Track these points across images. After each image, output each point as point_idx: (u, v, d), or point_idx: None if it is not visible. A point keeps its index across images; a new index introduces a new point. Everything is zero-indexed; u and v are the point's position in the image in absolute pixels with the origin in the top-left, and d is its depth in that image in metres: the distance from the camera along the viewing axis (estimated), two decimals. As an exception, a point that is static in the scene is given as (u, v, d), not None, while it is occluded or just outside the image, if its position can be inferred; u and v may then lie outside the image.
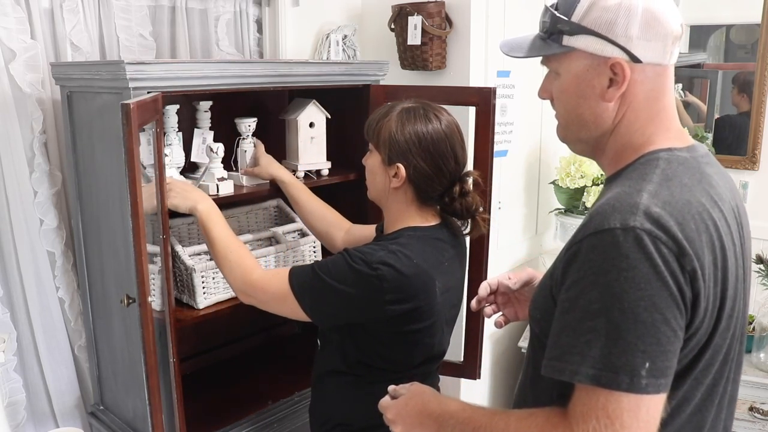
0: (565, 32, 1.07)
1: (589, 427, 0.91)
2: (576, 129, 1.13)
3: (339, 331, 1.59)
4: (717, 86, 2.78)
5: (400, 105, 1.55)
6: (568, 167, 2.70)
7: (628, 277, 0.89)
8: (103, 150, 1.76)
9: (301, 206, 1.98)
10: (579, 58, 1.07)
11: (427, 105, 1.57)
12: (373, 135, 1.55)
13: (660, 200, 0.96)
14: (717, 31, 2.76)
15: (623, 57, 1.04)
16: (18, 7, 1.89)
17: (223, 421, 2.01)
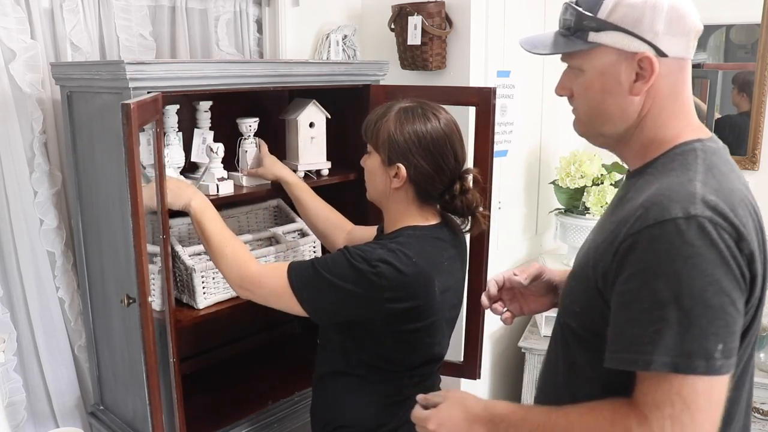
0: (591, 29, 1.10)
1: (665, 414, 0.94)
2: (599, 124, 1.16)
3: (339, 330, 1.59)
4: (717, 86, 2.78)
5: (397, 105, 1.55)
6: (568, 167, 2.70)
7: (695, 264, 0.92)
8: (103, 150, 1.76)
9: (305, 207, 1.97)
10: (605, 53, 1.10)
11: (425, 104, 1.56)
12: (371, 136, 1.55)
13: (711, 188, 0.99)
14: (717, 31, 2.76)
15: (650, 51, 1.07)
16: (18, 7, 1.89)
17: (223, 421, 2.01)
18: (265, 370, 2.35)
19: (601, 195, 2.56)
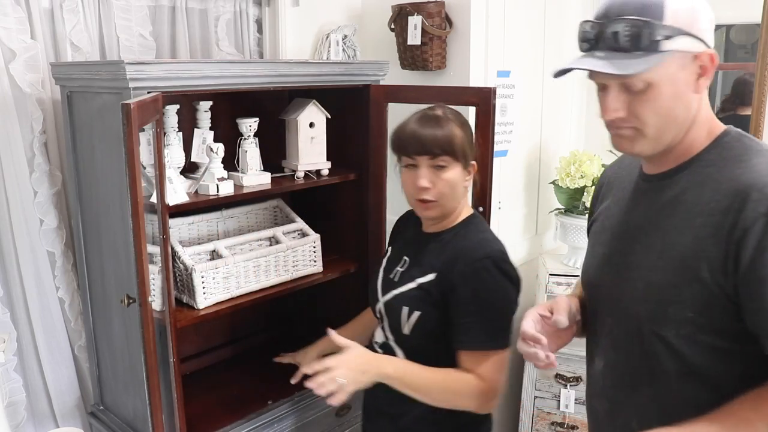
0: (664, 38, 1.05)
1: None
2: (669, 132, 1.12)
3: (438, 339, 1.57)
4: (717, 86, 2.77)
5: (435, 111, 1.57)
6: (568, 167, 2.70)
7: None
8: (103, 150, 1.76)
9: (355, 336, 1.79)
10: (675, 60, 1.07)
11: (443, 104, 1.65)
12: (448, 149, 1.52)
13: None
14: (717, 31, 2.76)
15: (705, 49, 1.09)
16: (18, 7, 1.89)
17: (223, 421, 2.01)
18: (265, 370, 2.35)
19: (601, 195, 2.56)
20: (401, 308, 1.57)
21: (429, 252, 1.60)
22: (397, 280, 1.63)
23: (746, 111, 2.57)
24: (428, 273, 1.57)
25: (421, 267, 1.59)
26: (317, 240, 2.21)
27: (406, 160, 1.55)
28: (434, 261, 1.57)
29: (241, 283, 2.00)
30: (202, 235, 2.19)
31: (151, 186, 1.67)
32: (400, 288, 1.61)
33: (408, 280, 1.60)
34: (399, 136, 1.56)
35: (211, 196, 1.91)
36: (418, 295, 1.56)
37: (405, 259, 1.66)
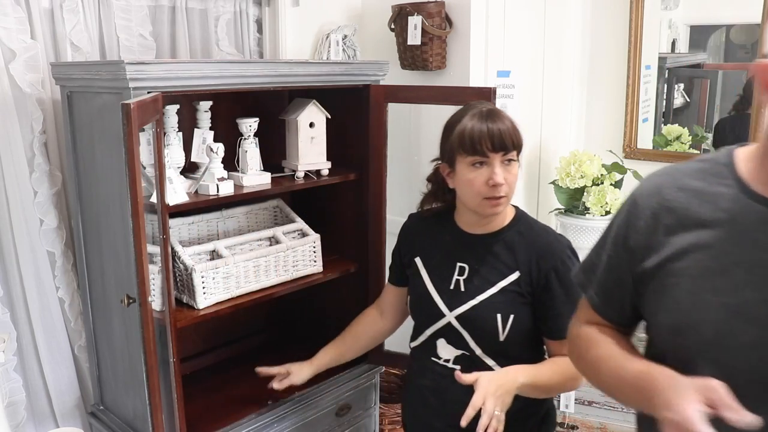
0: None
1: None
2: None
3: (529, 337, 1.57)
4: (717, 86, 2.78)
5: (487, 106, 1.55)
6: (568, 167, 2.70)
7: None
8: (103, 150, 1.76)
9: (348, 350, 1.99)
10: None
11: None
12: (517, 143, 1.51)
13: None
14: (717, 31, 2.76)
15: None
16: (18, 7, 1.89)
17: (223, 421, 2.01)
18: (265, 370, 2.35)
19: (601, 195, 2.56)
20: (493, 316, 1.51)
21: (497, 253, 1.55)
22: (465, 289, 1.55)
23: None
24: (508, 274, 1.53)
25: (495, 269, 1.54)
26: (317, 240, 2.21)
27: (475, 159, 1.48)
28: (509, 260, 1.53)
29: (241, 283, 2.00)
30: (202, 235, 2.19)
31: (151, 186, 1.67)
32: (479, 296, 1.53)
33: (485, 285, 1.53)
34: (469, 135, 1.47)
35: (211, 196, 1.91)
36: (507, 298, 1.52)
37: (462, 266, 1.57)
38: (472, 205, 1.53)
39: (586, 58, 2.88)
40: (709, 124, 2.82)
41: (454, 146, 1.50)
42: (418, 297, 1.62)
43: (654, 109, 2.85)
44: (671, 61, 2.89)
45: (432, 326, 1.58)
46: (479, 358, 1.55)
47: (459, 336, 1.55)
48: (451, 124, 1.53)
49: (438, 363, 1.59)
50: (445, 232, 1.63)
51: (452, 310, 1.55)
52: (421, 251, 1.66)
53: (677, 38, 2.89)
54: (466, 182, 1.50)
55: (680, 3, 2.82)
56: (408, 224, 1.75)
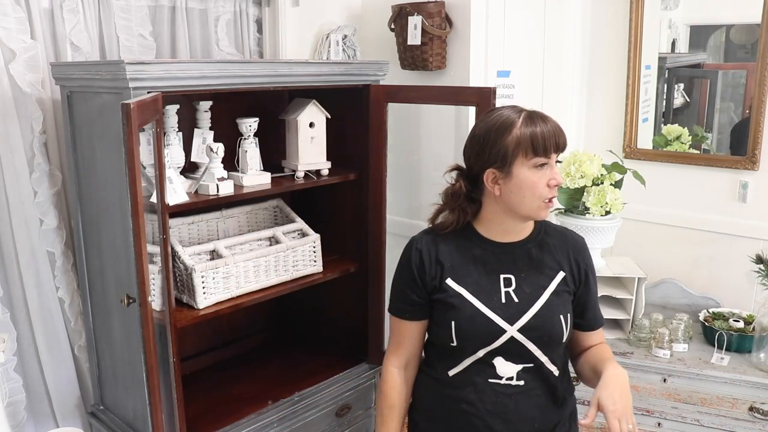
0: None
1: None
2: None
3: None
4: (717, 86, 2.77)
5: (530, 108, 1.50)
6: (568, 167, 2.69)
7: None
8: (103, 150, 1.76)
9: (398, 424, 1.66)
10: None
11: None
12: (564, 146, 1.50)
13: None
14: (717, 31, 2.76)
15: None
16: (18, 7, 1.89)
17: (223, 421, 2.01)
18: (265, 370, 2.35)
19: (601, 195, 2.56)
20: (557, 319, 1.47)
21: (537, 257, 1.51)
22: (519, 300, 1.47)
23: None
24: (554, 275, 1.50)
25: (541, 273, 1.50)
26: (317, 240, 2.21)
27: (539, 160, 1.42)
28: (551, 262, 1.51)
29: (241, 283, 2.00)
30: (202, 235, 2.19)
31: (151, 186, 1.67)
32: (537, 303, 1.46)
33: (538, 291, 1.48)
34: (533, 136, 1.41)
35: (211, 196, 1.91)
36: (561, 298, 1.49)
37: (507, 278, 1.49)
38: (529, 209, 1.44)
39: (586, 58, 2.88)
40: (709, 124, 2.81)
41: (511, 149, 1.41)
42: (469, 320, 1.45)
43: (654, 109, 2.85)
44: (671, 61, 2.89)
45: (488, 346, 1.45)
46: (545, 366, 1.48)
47: (522, 349, 1.45)
48: (499, 128, 1.43)
49: (499, 383, 1.46)
50: (472, 245, 1.51)
51: (513, 324, 1.44)
52: (451, 271, 1.50)
53: (677, 38, 2.89)
54: (529, 185, 1.42)
55: (680, 3, 2.81)
56: (422, 247, 1.53)
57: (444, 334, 1.47)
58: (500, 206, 1.47)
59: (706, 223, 2.58)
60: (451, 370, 1.50)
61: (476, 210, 1.52)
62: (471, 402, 1.47)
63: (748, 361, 2.25)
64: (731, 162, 2.55)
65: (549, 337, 1.47)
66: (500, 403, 1.46)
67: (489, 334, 1.44)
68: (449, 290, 1.48)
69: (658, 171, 2.67)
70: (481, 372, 1.47)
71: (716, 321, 2.41)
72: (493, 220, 1.50)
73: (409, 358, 1.59)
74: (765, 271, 2.26)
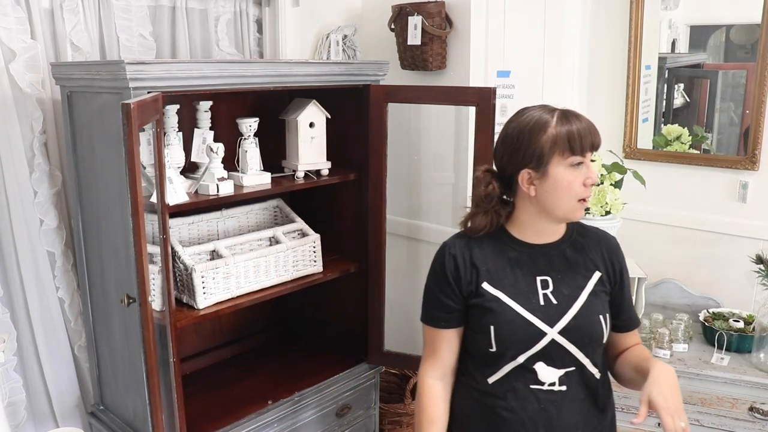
0: None
1: None
2: None
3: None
4: (717, 86, 2.77)
5: (558, 106, 1.46)
6: (568, 167, 2.69)
7: None
8: (103, 150, 1.76)
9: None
10: None
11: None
12: (600, 143, 1.47)
13: None
14: (717, 31, 2.76)
15: None
16: (18, 7, 1.89)
17: (223, 421, 2.01)
18: (265, 370, 2.35)
19: (601, 195, 2.56)
20: (597, 319, 1.44)
21: (572, 257, 1.49)
22: (557, 301, 1.44)
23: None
24: (591, 275, 1.48)
25: (578, 274, 1.47)
26: (317, 240, 2.21)
27: (575, 159, 1.39)
28: (587, 262, 1.49)
29: (242, 283, 2.00)
30: (202, 235, 2.19)
31: (151, 186, 1.67)
32: (576, 304, 1.44)
33: (576, 292, 1.45)
34: (569, 135, 1.39)
35: (211, 196, 1.91)
36: (599, 298, 1.47)
37: (544, 280, 1.46)
38: (565, 209, 1.42)
39: (586, 58, 2.88)
40: (709, 124, 2.81)
41: (547, 149, 1.39)
42: (508, 323, 1.42)
43: (654, 109, 2.84)
44: (671, 61, 2.89)
45: (529, 350, 1.41)
46: (587, 369, 1.44)
47: (563, 352, 1.42)
48: (533, 128, 1.40)
49: (541, 389, 1.42)
50: (506, 248, 1.48)
51: (553, 326, 1.41)
52: (487, 275, 1.46)
53: (677, 38, 2.89)
54: (565, 185, 1.39)
55: (680, 3, 2.81)
56: (456, 251, 1.50)
57: (482, 339, 1.44)
58: (535, 207, 1.44)
59: (706, 223, 2.58)
60: (491, 377, 1.46)
61: (509, 212, 1.49)
62: (512, 409, 1.43)
63: (748, 361, 2.25)
64: (731, 162, 2.54)
65: (590, 338, 1.43)
66: (543, 409, 1.42)
67: (529, 337, 1.41)
68: (486, 294, 1.45)
69: (658, 171, 2.67)
70: (521, 378, 1.43)
71: (716, 321, 2.41)
72: (527, 222, 1.48)
73: (446, 369, 1.54)
74: (765, 271, 2.26)
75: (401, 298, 2.66)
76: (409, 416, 2.53)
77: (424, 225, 2.62)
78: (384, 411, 2.51)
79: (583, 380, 1.44)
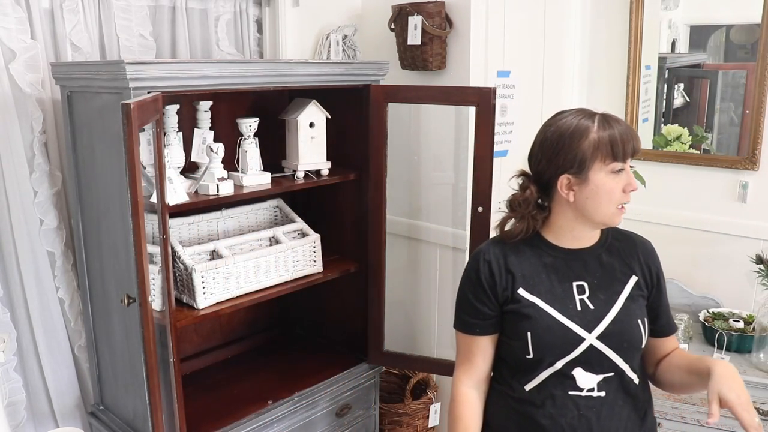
0: None
1: None
2: None
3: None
4: (717, 86, 2.77)
5: (598, 111, 1.44)
6: (568, 167, 2.70)
7: None
8: (103, 150, 1.76)
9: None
10: None
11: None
12: (640, 149, 1.46)
13: None
14: (717, 31, 2.76)
15: None
16: (18, 7, 1.89)
17: (223, 421, 2.01)
18: (265, 370, 2.35)
19: (601, 195, 2.57)
20: (635, 323, 1.43)
21: (608, 262, 1.48)
22: (594, 306, 1.43)
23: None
24: (627, 280, 1.46)
25: (615, 278, 1.46)
26: (317, 240, 2.21)
27: (617, 165, 1.38)
28: (623, 266, 1.48)
29: (241, 283, 2.00)
30: (202, 235, 2.19)
31: (151, 186, 1.67)
32: (613, 309, 1.42)
33: (613, 297, 1.44)
34: (612, 140, 1.37)
35: (211, 196, 1.91)
36: (636, 303, 1.45)
37: (580, 285, 1.45)
38: (604, 215, 1.41)
39: (586, 58, 2.88)
40: (709, 124, 2.81)
41: (588, 154, 1.37)
42: (546, 329, 1.41)
43: (654, 109, 2.85)
44: (671, 61, 2.89)
45: (567, 356, 1.40)
46: (626, 374, 1.43)
47: (601, 357, 1.40)
48: (573, 132, 1.38)
49: (580, 396, 1.40)
50: (542, 253, 1.47)
51: (591, 332, 1.40)
52: (522, 281, 1.45)
53: (677, 38, 2.89)
54: (606, 191, 1.38)
55: (680, 3, 2.81)
56: (491, 257, 1.49)
57: (519, 346, 1.42)
58: (573, 212, 1.43)
59: (706, 223, 2.58)
60: (528, 384, 1.44)
61: (545, 217, 1.48)
62: (551, 416, 1.41)
63: (748, 361, 2.25)
64: (731, 162, 2.54)
65: (629, 342, 1.42)
66: (582, 416, 1.40)
67: (567, 343, 1.40)
68: (523, 300, 1.43)
69: (658, 171, 2.67)
70: (560, 384, 1.41)
71: (716, 321, 2.41)
72: (563, 227, 1.46)
73: (480, 376, 1.52)
74: (765, 271, 2.26)
75: (401, 298, 2.66)
76: (409, 416, 2.53)
77: (424, 225, 2.62)
78: (384, 411, 2.51)
79: (623, 386, 1.43)
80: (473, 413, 1.51)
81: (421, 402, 2.54)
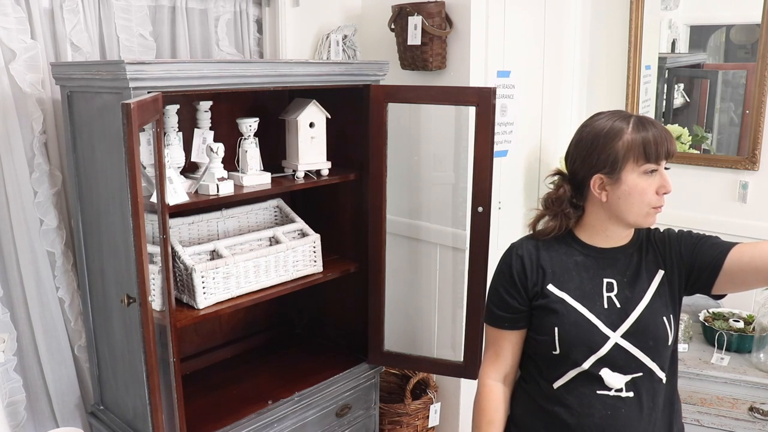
0: None
1: None
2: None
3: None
4: (717, 86, 2.78)
5: (632, 113, 1.45)
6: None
7: None
8: (103, 150, 1.76)
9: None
10: None
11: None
12: (675, 151, 1.45)
13: None
14: (717, 31, 2.76)
15: None
16: (18, 7, 1.89)
17: (223, 421, 2.01)
18: (265, 370, 2.35)
19: (601, 195, 2.57)
20: (660, 320, 1.42)
21: (638, 260, 1.48)
22: (621, 304, 1.43)
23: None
24: (654, 275, 1.46)
25: (641, 276, 1.46)
26: (317, 240, 2.21)
27: (650, 167, 1.39)
28: (649, 262, 1.47)
29: (242, 283, 2.00)
30: (202, 235, 2.19)
31: (151, 186, 1.67)
32: (639, 306, 1.42)
33: (639, 294, 1.44)
34: (645, 142, 1.38)
35: (211, 196, 1.91)
36: (663, 299, 1.45)
37: (609, 282, 1.45)
38: (637, 215, 1.41)
39: (586, 58, 2.89)
40: (709, 124, 2.81)
41: (621, 155, 1.38)
42: (573, 326, 1.41)
43: (654, 109, 2.85)
44: (671, 61, 2.89)
45: (593, 355, 1.40)
46: (655, 374, 1.42)
47: (628, 356, 1.40)
48: (608, 133, 1.40)
49: (608, 395, 1.40)
50: (574, 252, 1.48)
51: (616, 330, 1.40)
52: (552, 277, 1.47)
53: (677, 38, 2.89)
54: (638, 192, 1.39)
55: (680, 3, 2.82)
56: (524, 253, 1.51)
57: (546, 341, 1.43)
58: (606, 212, 1.44)
59: (706, 223, 2.58)
60: (556, 382, 1.44)
61: (578, 216, 1.49)
62: (578, 415, 1.41)
63: (748, 361, 2.25)
64: (731, 162, 2.55)
65: (654, 340, 1.41)
66: (610, 416, 1.40)
67: (593, 340, 1.40)
68: (551, 296, 1.45)
69: (658, 171, 2.67)
70: (587, 384, 1.42)
71: (716, 321, 2.41)
72: (596, 226, 1.47)
73: (507, 371, 1.53)
74: (765, 271, 2.26)
75: (401, 298, 2.66)
76: (409, 416, 2.53)
77: (424, 225, 2.62)
78: (384, 411, 2.51)
79: (652, 386, 1.42)
80: (498, 406, 1.52)
81: (421, 402, 2.54)
